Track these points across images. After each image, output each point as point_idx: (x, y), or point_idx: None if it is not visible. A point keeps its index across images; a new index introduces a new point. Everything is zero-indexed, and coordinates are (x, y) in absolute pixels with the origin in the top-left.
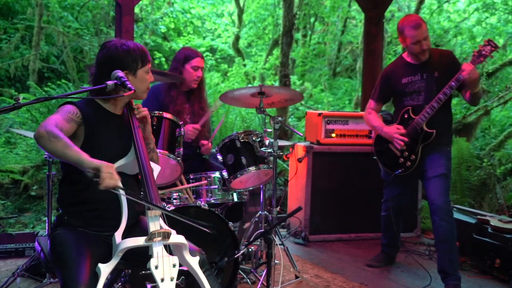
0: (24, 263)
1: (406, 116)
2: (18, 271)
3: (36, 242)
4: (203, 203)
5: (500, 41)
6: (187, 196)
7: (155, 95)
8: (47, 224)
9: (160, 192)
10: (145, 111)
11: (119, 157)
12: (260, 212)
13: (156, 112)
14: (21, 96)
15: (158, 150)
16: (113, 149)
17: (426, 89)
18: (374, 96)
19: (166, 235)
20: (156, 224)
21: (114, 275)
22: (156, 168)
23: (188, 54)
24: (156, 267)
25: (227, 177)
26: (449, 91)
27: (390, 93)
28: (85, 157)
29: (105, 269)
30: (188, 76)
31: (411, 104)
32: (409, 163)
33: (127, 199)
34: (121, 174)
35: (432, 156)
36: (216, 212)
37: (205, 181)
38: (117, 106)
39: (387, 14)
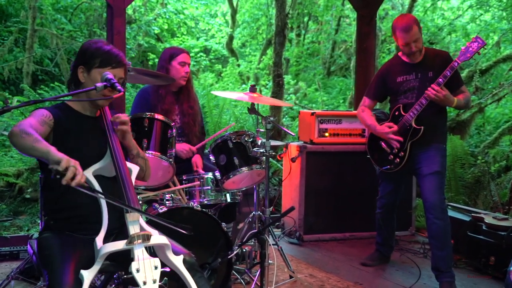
0: (18, 266)
1: (396, 113)
2: (12, 274)
3: (28, 245)
4: (196, 204)
5: (495, 38)
6: (180, 197)
7: (144, 98)
8: (40, 227)
9: (152, 193)
10: (123, 117)
11: (94, 159)
12: (253, 212)
13: (147, 113)
14: (15, 99)
15: (150, 152)
16: (87, 152)
17: (419, 88)
18: (369, 94)
19: (146, 237)
20: (135, 227)
21: (107, 277)
22: (134, 169)
23: (173, 52)
24: (138, 270)
25: (219, 178)
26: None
27: (386, 91)
28: (52, 150)
29: (87, 276)
30: (176, 73)
31: (404, 102)
32: (398, 159)
33: (107, 202)
34: (100, 177)
35: (426, 154)
36: (209, 213)
37: (198, 182)
38: (89, 108)
39: (380, 12)
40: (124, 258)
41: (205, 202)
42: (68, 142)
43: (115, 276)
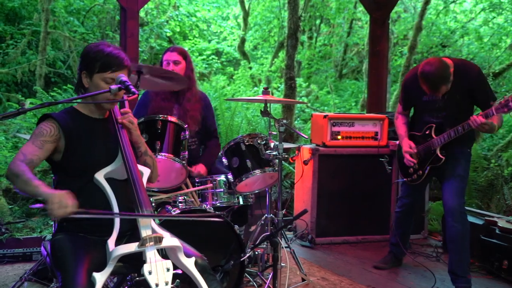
0: (31, 268)
1: (427, 132)
2: (26, 275)
3: (42, 247)
4: (208, 206)
5: (507, 41)
6: (192, 199)
7: (143, 97)
8: (53, 229)
9: (165, 195)
10: (129, 117)
11: (106, 162)
12: (266, 215)
13: (160, 116)
14: (28, 101)
15: (163, 154)
16: (98, 156)
17: (447, 109)
18: (400, 102)
19: (158, 240)
20: (147, 230)
21: (120, 279)
22: (145, 171)
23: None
24: (150, 272)
25: (232, 181)
26: (467, 127)
27: (412, 104)
28: (42, 190)
29: (100, 278)
30: None
31: (431, 121)
32: (415, 176)
33: (119, 204)
34: (111, 179)
35: (451, 156)
36: (222, 215)
37: (211, 185)
38: (96, 110)
39: (393, 15)
40: (136, 260)
41: (218, 204)
42: (77, 147)
43: (128, 278)
